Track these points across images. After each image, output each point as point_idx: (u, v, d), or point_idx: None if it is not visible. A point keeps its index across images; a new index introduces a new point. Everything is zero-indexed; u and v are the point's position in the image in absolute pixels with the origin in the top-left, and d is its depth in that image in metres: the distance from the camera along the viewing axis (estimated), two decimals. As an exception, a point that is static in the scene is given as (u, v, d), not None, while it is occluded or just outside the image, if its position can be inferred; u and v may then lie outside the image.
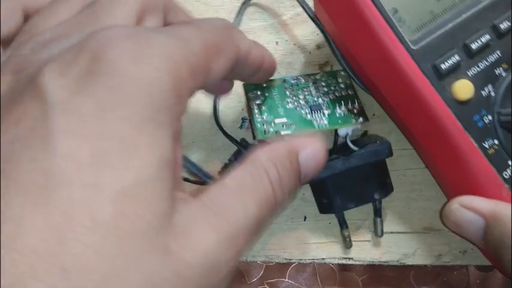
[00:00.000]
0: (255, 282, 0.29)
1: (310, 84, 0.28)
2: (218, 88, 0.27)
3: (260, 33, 0.33)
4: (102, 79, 0.15)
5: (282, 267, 0.29)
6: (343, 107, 0.28)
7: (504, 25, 0.25)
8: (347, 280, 0.29)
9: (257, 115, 0.27)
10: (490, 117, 0.25)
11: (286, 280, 0.29)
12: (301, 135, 0.23)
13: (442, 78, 0.25)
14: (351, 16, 0.26)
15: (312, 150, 0.22)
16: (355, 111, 0.28)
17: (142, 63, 0.16)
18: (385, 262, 0.30)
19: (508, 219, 0.22)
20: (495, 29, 0.25)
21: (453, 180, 0.27)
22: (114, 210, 0.14)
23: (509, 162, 0.25)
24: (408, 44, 0.25)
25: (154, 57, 0.16)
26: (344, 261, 0.29)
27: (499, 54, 0.25)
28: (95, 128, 0.14)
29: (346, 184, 0.27)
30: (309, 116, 0.27)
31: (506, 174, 0.25)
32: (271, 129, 0.27)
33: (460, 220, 0.24)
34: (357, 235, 0.30)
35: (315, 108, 0.27)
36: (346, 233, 0.29)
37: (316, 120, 0.27)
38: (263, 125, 0.27)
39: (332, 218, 0.30)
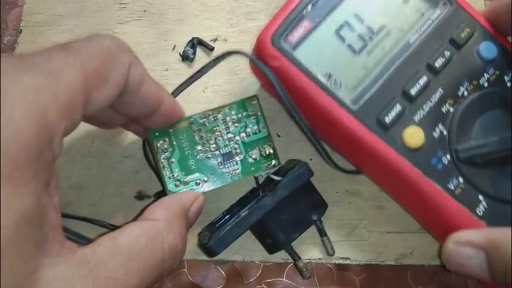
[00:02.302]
0: (253, 282, 0.29)
1: (220, 123, 0.27)
2: (102, 121, 0.25)
3: (258, 34, 0.33)
4: None
5: (280, 267, 0.29)
6: (255, 150, 0.27)
7: (439, 62, 0.24)
8: (344, 280, 0.29)
9: (167, 172, 0.26)
10: (448, 157, 0.24)
11: (284, 280, 0.29)
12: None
13: (388, 130, 0.24)
14: (288, 87, 0.25)
15: (198, 204, 0.24)
16: (267, 152, 0.27)
17: None
18: (383, 262, 0.29)
19: (508, 243, 0.21)
20: (430, 68, 0.25)
21: (433, 227, 0.26)
22: None
23: (480, 197, 0.24)
24: (348, 105, 0.24)
25: (14, 107, 0.15)
26: (341, 261, 0.29)
27: (441, 92, 0.25)
28: None
29: (283, 217, 0.27)
30: (221, 168, 0.27)
31: (479, 211, 0.24)
32: (184, 189, 0.27)
33: (460, 259, 0.22)
34: (354, 235, 0.30)
35: (226, 157, 0.27)
36: (301, 264, 0.28)
37: (229, 173, 0.27)
38: (175, 186, 0.26)
39: (329, 219, 0.29)
